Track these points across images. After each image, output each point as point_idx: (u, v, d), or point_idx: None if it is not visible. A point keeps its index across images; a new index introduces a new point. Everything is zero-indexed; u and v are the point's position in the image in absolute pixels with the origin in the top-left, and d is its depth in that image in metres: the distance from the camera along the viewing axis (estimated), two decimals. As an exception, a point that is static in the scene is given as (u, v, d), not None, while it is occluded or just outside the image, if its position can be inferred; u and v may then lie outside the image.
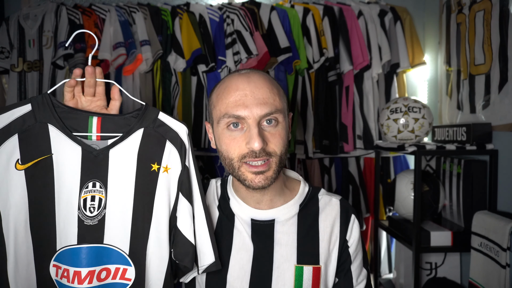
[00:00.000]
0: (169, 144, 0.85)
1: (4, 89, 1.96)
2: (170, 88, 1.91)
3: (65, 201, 0.80)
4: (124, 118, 0.85)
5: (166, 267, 0.85)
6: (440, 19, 1.93)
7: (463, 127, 1.58)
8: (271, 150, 0.84)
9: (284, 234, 0.91)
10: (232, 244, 0.91)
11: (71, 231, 0.79)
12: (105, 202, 0.81)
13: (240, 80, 0.86)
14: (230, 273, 0.90)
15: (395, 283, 1.94)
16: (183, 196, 0.86)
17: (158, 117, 0.86)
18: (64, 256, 0.79)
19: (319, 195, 0.98)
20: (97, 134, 0.83)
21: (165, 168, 0.85)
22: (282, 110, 0.86)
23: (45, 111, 0.81)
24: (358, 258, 0.95)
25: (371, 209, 2.07)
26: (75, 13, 1.86)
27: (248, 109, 0.82)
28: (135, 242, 0.82)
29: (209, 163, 1.98)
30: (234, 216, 0.94)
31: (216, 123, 0.87)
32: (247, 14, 1.92)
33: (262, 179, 0.85)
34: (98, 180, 0.81)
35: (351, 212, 0.97)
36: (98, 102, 0.88)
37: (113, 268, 0.82)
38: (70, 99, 0.86)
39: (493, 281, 1.28)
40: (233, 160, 0.85)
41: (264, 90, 0.84)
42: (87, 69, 0.84)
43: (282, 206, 0.94)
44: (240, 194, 0.94)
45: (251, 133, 0.82)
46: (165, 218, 0.84)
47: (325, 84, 1.97)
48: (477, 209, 1.48)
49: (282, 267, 0.89)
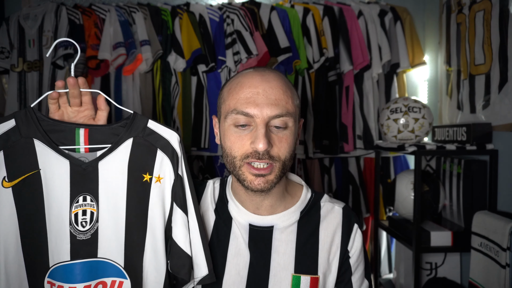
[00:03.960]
0: (160, 153, 0.83)
1: (4, 89, 1.96)
2: (170, 88, 1.91)
3: (56, 216, 0.78)
4: (112, 128, 0.82)
5: (164, 278, 0.83)
6: (440, 19, 1.93)
7: (463, 127, 1.58)
8: (275, 154, 0.81)
9: (282, 242, 0.88)
10: (228, 249, 0.88)
11: (64, 247, 0.77)
12: (97, 215, 0.79)
13: (254, 77, 0.83)
14: (226, 279, 0.87)
15: (395, 283, 1.94)
16: (177, 206, 0.84)
17: (148, 125, 0.83)
18: (58, 273, 0.78)
19: (322, 202, 0.94)
20: (85, 146, 0.81)
21: (158, 178, 0.82)
22: (293, 114, 0.83)
23: (30, 125, 0.78)
24: (359, 270, 0.92)
25: (371, 209, 2.07)
26: (75, 13, 1.86)
27: (259, 108, 0.79)
28: (130, 255, 0.81)
29: (209, 163, 1.98)
30: (232, 220, 0.91)
31: (224, 118, 0.84)
32: (247, 14, 1.92)
33: (262, 182, 0.82)
34: (89, 194, 0.79)
35: (354, 221, 0.93)
36: (85, 112, 0.85)
37: (109, 282, 0.80)
38: (55, 111, 0.84)
39: (493, 281, 1.28)
40: (236, 159, 0.83)
41: (278, 90, 0.81)
42: (69, 80, 0.81)
43: (282, 212, 0.90)
44: (239, 198, 0.91)
45: (257, 133, 0.79)
46: (160, 229, 0.82)
47: (325, 84, 1.97)
48: (477, 209, 1.48)
49: (279, 276, 0.86)
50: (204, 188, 0.97)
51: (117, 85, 1.90)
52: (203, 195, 0.96)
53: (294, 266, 0.87)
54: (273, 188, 0.85)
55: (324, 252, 0.89)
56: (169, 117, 1.89)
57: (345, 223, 0.92)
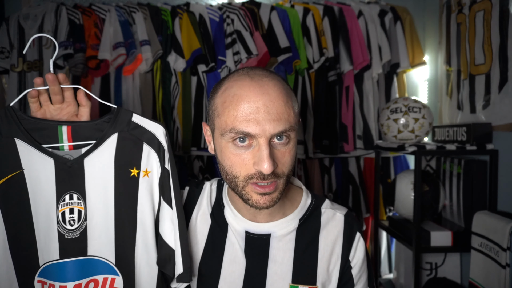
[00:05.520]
0: (146, 146, 0.81)
1: (4, 89, 1.96)
2: (170, 88, 1.91)
3: (43, 216, 0.77)
4: (96, 124, 0.81)
5: (157, 272, 0.82)
6: (440, 19, 1.93)
7: (463, 127, 1.58)
8: (280, 172, 0.77)
9: (280, 250, 0.85)
10: (223, 256, 0.86)
11: (53, 246, 0.77)
12: (85, 213, 0.78)
13: (252, 89, 0.74)
14: (221, 285, 0.85)
15: (395, 283, 1.94)
16: (163, 200, 0.83)
17: (132, 119, 0.82)
18: (49, 271, 0.77)
19: (322, 208, 0.90)
20: (69, 143, 0.79)
21: (145, 172, 0.81)
22: (295, 127, 0.78)
23: (10, 125, 0.77)
24: (362, 280, 0.88)
25: (371, 209, 2.07)
26: (75, 13, 1.86)
27: (260, 126, 0.72)
28: (121, 251, 0.80)
29: (209, 163, 1.98)
30: (228, 226, 0.88)
31: (220, 135, 0.78)
32: (247, 14, 1.92)
33: (267, 201, 0.77)
34: (75, 192, 0.78)
35: (356, 229, 0.89)
36: (68, 108, 0.83)
37: (101, 279, 0.79)
38: (37, 110, 0.82)
39: (493, 281, 1.28)
40: (238, 179, 0.77)
41: (279, 103, 0.74)
42: (47, 77, 0.79)
43: (280, 220, 0.87)
44: (236, 205, 0.88)
45: (261, 154, 0.73)
46: (150, 224, 0.81)
47: (325, 84, 1.97)
48: (477, 209, 1.48)
49: (275, 285, 0.84)
50: (200, 191, 0.95)
51: (117, 85, 1.90)
52: (199, 198, 0.93)
53: (292, 276, 0.84)
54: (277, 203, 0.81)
55: (323, 261, 0.85)
56: (169, 117, 1.89)
57: (347, 231, 0.88)
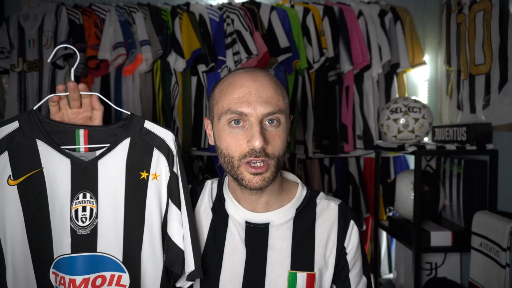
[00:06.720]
0: (156, 151, 0.87)
1: (4, 89, 1.96)
2: (170, 88, 1.91)
3: (58, 212, 0.82)
4: (111, 129, 0.87)
5: (162, 272, 0.86)
6: (440, 19, 1.93)
7: (463, 127, 1.58)
8: (270, 152, 0.84)
9: (278, 238, 0.90)
10: (224, 247, 0.90)
11: (65, 241, 0.82)
12: (96, 212, 0.83)
13: (246, 77, 0.86)
14: (223, 276, 0.89)
15: (395, 283, 1.94)
16: (172, 202, 0.87)
17: (144, 126, 0.88)
18: (61, 264, 0.82)
19: (317, 199, 0.95)
20: (85, 146, 0.86)
21: (154, 175, 0.86)
22: (284, 112, 0.86)
23: (32, 127, 0.83)
24: (357, 266, 0.93)
25: (371, 209, 2.07)
26: (75, 13, 1.86)
27: (252, 106, 0.82)
28: (129, 249, 0.84)
29: (209, 163, 1.98)
30: (228, 217, 0.93)
31: (217, 119, 0.86)
32: (247, 14, 1.92)
33: (259, 180, 0.84)
34: (89, 191, 0.83)
35: (350, 217, 0.94)
36: (85, 113, 0.90)
37: (108, 275, 0.84)
38: (56, 113, 0.89)
39: (493, 281, 1.28)
40: (234, 159, 0.85)
41: (269, 89, 0.84)
42: (69, 85, 0.86)
43: (277, 209, 0.92)
44: (235, 196, 0.93)
45: (253, 131, 0.81)
46: (157, 225, 0.86)
47: (325, 84, 1.97)
48: (477, 209, 1.48)
49: (275, 273, 0.88)
50: (202, 188, 0.99)
51: (117, 85, 1.90)
52: (201, 194, 0.98)
53: (290, 263, 0.88)
54: (269, 185, 0.86)
55: (320, 248, 0.90)
56: (169, 117, 1.89)
57: (341, 220, 0.93)
